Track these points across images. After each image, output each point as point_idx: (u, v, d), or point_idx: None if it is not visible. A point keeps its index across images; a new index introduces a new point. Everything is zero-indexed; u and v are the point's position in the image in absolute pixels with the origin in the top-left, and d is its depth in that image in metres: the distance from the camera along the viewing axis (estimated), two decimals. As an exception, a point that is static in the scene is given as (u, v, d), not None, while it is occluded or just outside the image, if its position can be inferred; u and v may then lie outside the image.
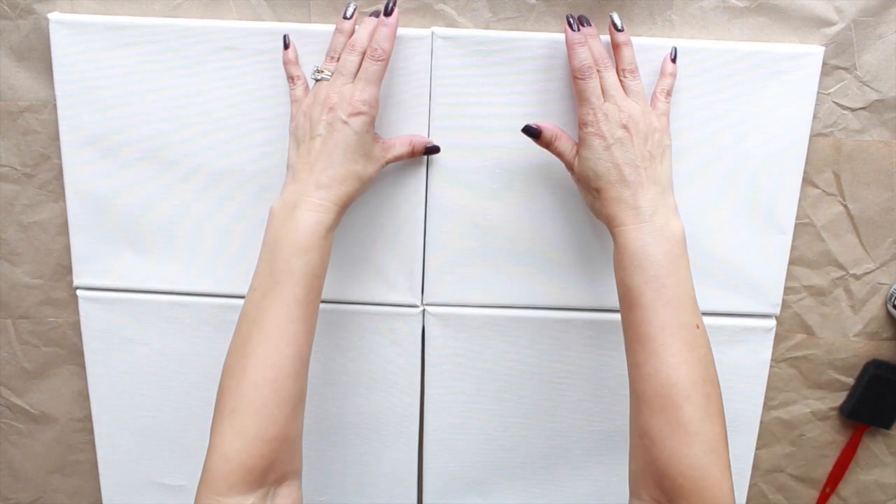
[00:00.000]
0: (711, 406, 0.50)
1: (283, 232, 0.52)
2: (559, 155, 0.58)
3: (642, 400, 0.50)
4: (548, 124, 0.58)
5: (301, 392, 0.52)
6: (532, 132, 0.58)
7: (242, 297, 0.67)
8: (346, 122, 0.53)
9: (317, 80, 0.55)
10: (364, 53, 0.54)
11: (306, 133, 0.54)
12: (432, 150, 0.61)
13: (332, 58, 0.56)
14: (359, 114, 0.53)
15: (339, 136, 0.53)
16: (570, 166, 0.57)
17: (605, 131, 0.53)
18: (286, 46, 0.59)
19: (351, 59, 0.54)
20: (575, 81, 0.55)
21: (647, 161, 0.53)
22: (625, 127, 0.53)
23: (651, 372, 0.50)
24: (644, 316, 0.51)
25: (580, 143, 0.55)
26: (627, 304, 0.52)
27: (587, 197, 0.57)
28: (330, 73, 0.55)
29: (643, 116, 0.54)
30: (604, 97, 0.54)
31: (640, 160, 0.53)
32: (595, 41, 0.56)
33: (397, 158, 0.59)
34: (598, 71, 0.55)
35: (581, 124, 0.55)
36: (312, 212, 0.52)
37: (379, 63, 0.54)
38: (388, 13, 0.54)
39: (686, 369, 0.49)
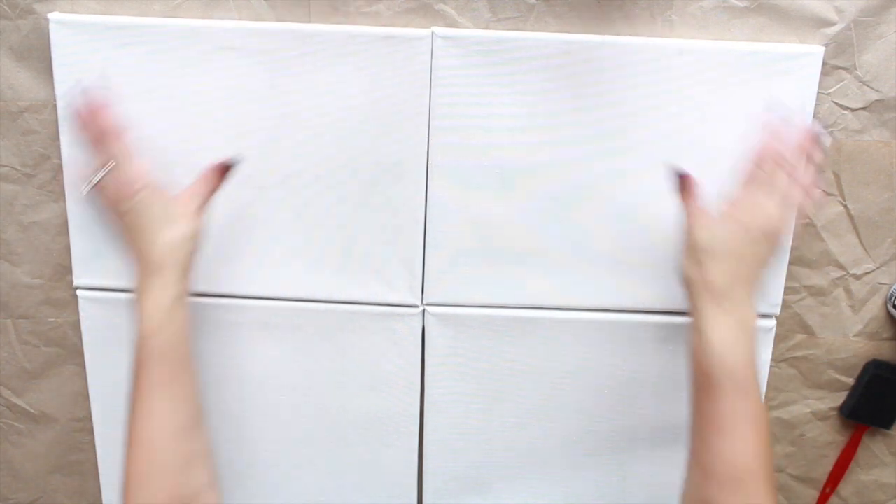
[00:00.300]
0: (774, 480, 0.52)
1: (136, 318, 0.55)
2: (687, 209, 0.57)
3: (710, 475, 0.52)
4: (695, 178, 0.58)
5: (185, 455, 0.54)
6: (679, 181, 0.58)
7: (241, 297, 0.67)
8: (135, 205, 0.56)
9: (103, 179, 0.57)
10: (107, 136, 0.57)
11: (120, 228, 0.58)
12: (229, 166, 0.61)
13: (95, 154, 0.58)
14: (140, 189, 0.56)
15: (140, 220, 0.56)
16: (690, 223, 0.56)
17: (744, 223, 0.54)
18: (90, 185, 0.58)
19: (104, 149, 0.57)
20: (752, 164, 0.56)
21: (759, 262, 0.54)
22: (761, 229, 0.54)
23: (723, 452, 0.52)
24: (719, 402, 0.52)
25: (717, 214, 0.55)
26: (702, 387, 0.53)
27: (687, 258, 0.56)
28: (102, 172, 0.57)
29: (778, 222, 0.54)
30: (766, 189, 0.55)
31: (755, 259, 0.54)
32: (792, 135, 0.56)
33: (207, 197, 0.59)
34: (775, 163, 0.55)
35: (729, 200, 0.56)
36: (152, 297, 0.55)
37: (119, 138, 0.57)
38: (90, 105, 0.58)
39: (758, 453, 0.51)
